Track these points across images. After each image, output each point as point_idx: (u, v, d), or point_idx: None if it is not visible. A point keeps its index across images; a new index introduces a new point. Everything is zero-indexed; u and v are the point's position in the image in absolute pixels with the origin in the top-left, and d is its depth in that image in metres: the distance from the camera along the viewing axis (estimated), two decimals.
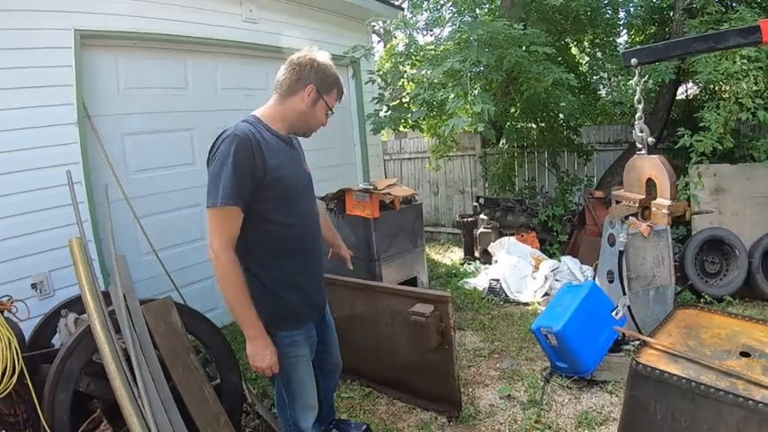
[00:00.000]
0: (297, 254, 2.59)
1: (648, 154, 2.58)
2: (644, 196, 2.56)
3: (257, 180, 2.36)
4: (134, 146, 4.83)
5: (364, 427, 3.51)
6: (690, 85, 8.54)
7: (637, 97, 2.61)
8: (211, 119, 5.41)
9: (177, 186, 5.18)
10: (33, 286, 4.03)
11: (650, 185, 2.54)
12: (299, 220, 2.58)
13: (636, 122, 2.63)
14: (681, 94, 8.84)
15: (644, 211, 2.55)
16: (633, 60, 2.60)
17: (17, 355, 2.84)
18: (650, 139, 2.59)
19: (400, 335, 3.78)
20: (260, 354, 2.44)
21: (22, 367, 2.84)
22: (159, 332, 3.15)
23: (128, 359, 2.93)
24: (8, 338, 2.86)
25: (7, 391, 2.78)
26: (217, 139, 2.42)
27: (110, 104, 4.64)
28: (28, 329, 3.41)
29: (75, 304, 3.60)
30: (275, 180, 2.41)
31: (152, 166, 4.98)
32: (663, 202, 2.43)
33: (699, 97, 8.44)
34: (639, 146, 2.60)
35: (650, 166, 2.52)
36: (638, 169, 2.60)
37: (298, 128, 2.65)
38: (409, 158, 10.60)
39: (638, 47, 2.97)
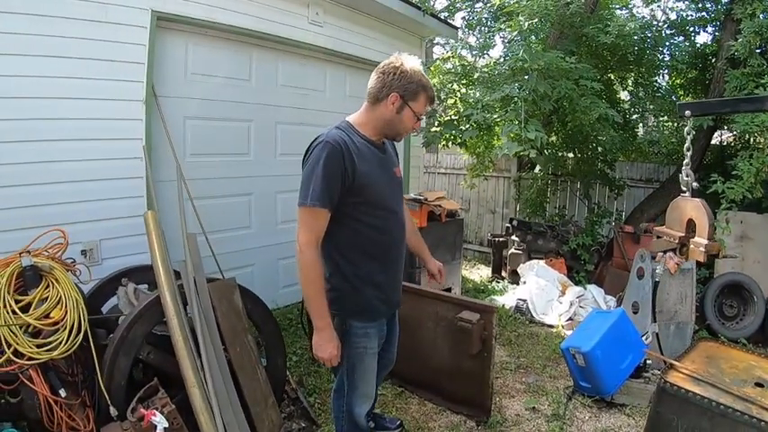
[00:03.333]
0: (380, 255, 2.74)
1: (692, 197, 2.80)
2: (684, 234, 2.78)
3: (346, 184, 2.51)
4: (194, 130, 4.91)
5: (398, 422, 3.64)
6: (725, 131, 8.62)
7: (687, 145, 2.80)
8: (268, 113, 5.60)
9: (229, 174, 5.28)
10: (83, 253, 3.99)
11: (690, 225, 2.76)
12: (385, 224, 2.72)
13: (683, 168, 2.83)
14: (715, 138, 8.94)
15: (682, 247, 2.76)
16: (687, 112, 2.78)
17: (83, 315, 2.93)
18: (695, 184, 2.81)
19: (441, 339, 3.92)
20: (323, 345, 2.58)
21: (86, 328, 2.92)
22: (222, 310, 3.29)
23: (192, 333, 3.08)
24: (75, 298, 2.96)
25: (72, 349, 2.83)
26: (311, 144, 2.59)
27: (175, 87, 4.72)
28: None
29: (132, 274, 3.75)
30: (363, 185, 2.56)
31: (208, 151, 5.06)
32: (700, 240, 2.65)
33: (733, 145, 8.51)
34: (684, 189, 2.82)
35: (692, 207, 2.75)
36: (681, 209, 2.82)
37: (387, 134, 2.76)
38: (444, 173, 10.78)
39: (692, 100, 3.17)
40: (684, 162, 2.85)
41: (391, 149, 2.94)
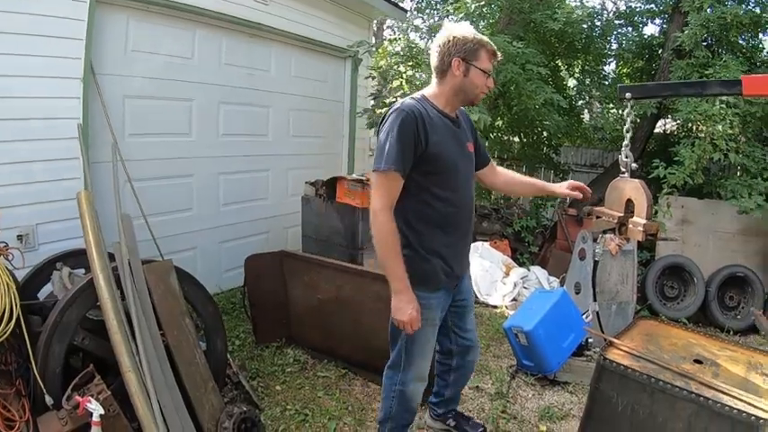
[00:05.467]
0: (446, 225, 2.74)
1: (631, 177, 2.84)
2: (623, 214, 2.81)
3: (418, 152, 2.55)
4: (133, 109, 4.76)
5: (481, 428, 3.52)
6: (669, 120, 8.87)
7: (626, 127, 2.84)
8: (211, 92, 5.48)
9: (170, 155, 5.16)
10: (19, 238, 3.85)
11: (629, 206, 2.80)
12: (453, 195, 2.73)
13: (623, 149, 2.86)
14: (659, 127, 9.17)
15: (621, 227, 2.79)
16: (627, 95, 2.80)
17: (15, 301, 2.78)
18: (634, 165, 2.84)
19: (383, 320, 3.89)
20: (402, 308, 2.60)
21: (18, 315, 2.78)
22: (158, 293, 3.22)
23: (127, 316, 2.98)
24: (7, 283, 2.80)
25: (4, 337, 2.71)
26: (386, 112, 2.66)
27: (115, 65, 4.57)
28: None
29: (68, 258, 3.61)
30: (435, 155, 2.59)
31: (148, 131, 4.93)
32: (639, 220, 2.69)
33: (676, 133, 8.77)
34: (623, 169, 2.84)
35: (631, 188, 2.77)
36: (620, 190, 2.84)
37: (463, 100, 2.79)
38: None
39: (633, 83, 3.22)
40: (624, 143, 2.88)
41: (466, 125, 2.95)
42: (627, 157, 2.84)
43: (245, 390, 3.77)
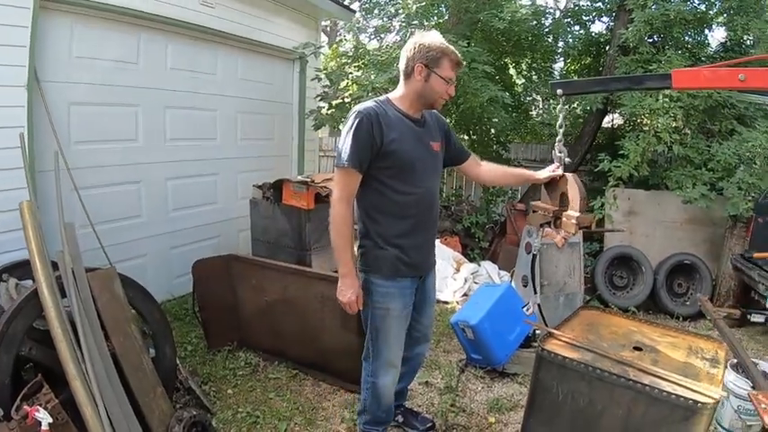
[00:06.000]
0: (403, 217, 2.89)
1: (564, 172, 2.94)
2: (557, 207, 2.91)
3: (375, 150, 2.74)
4: (79, 116, 4.69)
5: (429, 424, 3.60)
6: (616, 115, 9.08)
7: (559, 122, 2.93)
8: (157, 97, 5.41)
9: (117, 162, 5.09)
10: None
11: (563, 199, 2.90)
12: (412, 190, 2.87)
13: (556, 144, 2.95)
14: (607, 122, 9.36)
15: (556, 220, 2.89)
16: (559, 91, 2.90)
17: None
18: (567, 159, 2.94)
19: (329, 319, 3.92)
20: (344, 290, 2.86)
21: None
22: (103, 301, 3.20)
23: (72, 325, 2.97)
24: None
25: None
26: (348, 115, 2.84)
27: (59, 71, 4.51)
28: None
29: (14, 270, 3.60)
30: (391, 152, 2.76)
31: (94, 138, 4.85)
32: (572, 213, 2.79)
33: (622, 127, 8.95)
34: (557, 164, 2.95)
35: (564, 182, 2.88)
36: (554, 184, 2.95)
37: (423, 103, 2.92)
38: None
39: (566, 79, 3.32)
40: (557, 139, 2.97)
41: (434, 125, 3.08)
42: (560, 152, 2.94)
43: (196, 395, 3.75)
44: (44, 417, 2.60)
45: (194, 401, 3.73)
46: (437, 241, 6.96)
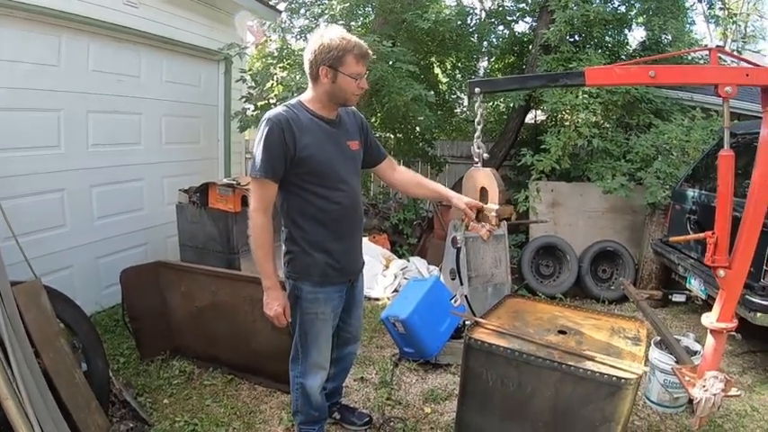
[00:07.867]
0: (328, 222, 2.87)
1: (482, 167, 3.03)
2: (477, 201, 3.01)
3: (289, 156, 2.70)
4: None
5: (367, 418, 3.63)
6: (539, 111, 9.36)
7: (477, 119, 2.98)
8: (79, 101, 5.23)
9: (38, 170, 4.88)
10: None
11: (483, 193, 2.99)
12: (334, 193, 2.85)
13: (475, 140, 3.00)
14: (530, 119, 9.66)
15: (478, 213, 2.99)
16: (477, 89, 2.97)
17: None
18: (485, 155, 3.03)
19: (259, 322, 3.85)
20: (269, 303, 2.83)
21: None
22: (30, 316, 3.09)
23: (0, 342, 2.86)
24: None
25: None
26: (260, 123, 2.79)
27: None
28: None
29: None
30: (306, 157, 2.73)
31: (13, 146, 4.64)
32: (492, 206, 2.89)
33: (545, 123, 9.29)
34: (476, 160, 3.02)
35: (483, 176, 2.98)
36: (474, 179, 3.04)
37: (336, 103, 2.86)
38: None
39: (484, 78, 3.42)
40: (476, 135, 3.03)
41: (352, 125, 3.04)
42: (479, 148, 3.00)
43: (132, 407, 3.67)
44: None
45: (131, 414, 3.65)
46: (365, 239, 7.08)
